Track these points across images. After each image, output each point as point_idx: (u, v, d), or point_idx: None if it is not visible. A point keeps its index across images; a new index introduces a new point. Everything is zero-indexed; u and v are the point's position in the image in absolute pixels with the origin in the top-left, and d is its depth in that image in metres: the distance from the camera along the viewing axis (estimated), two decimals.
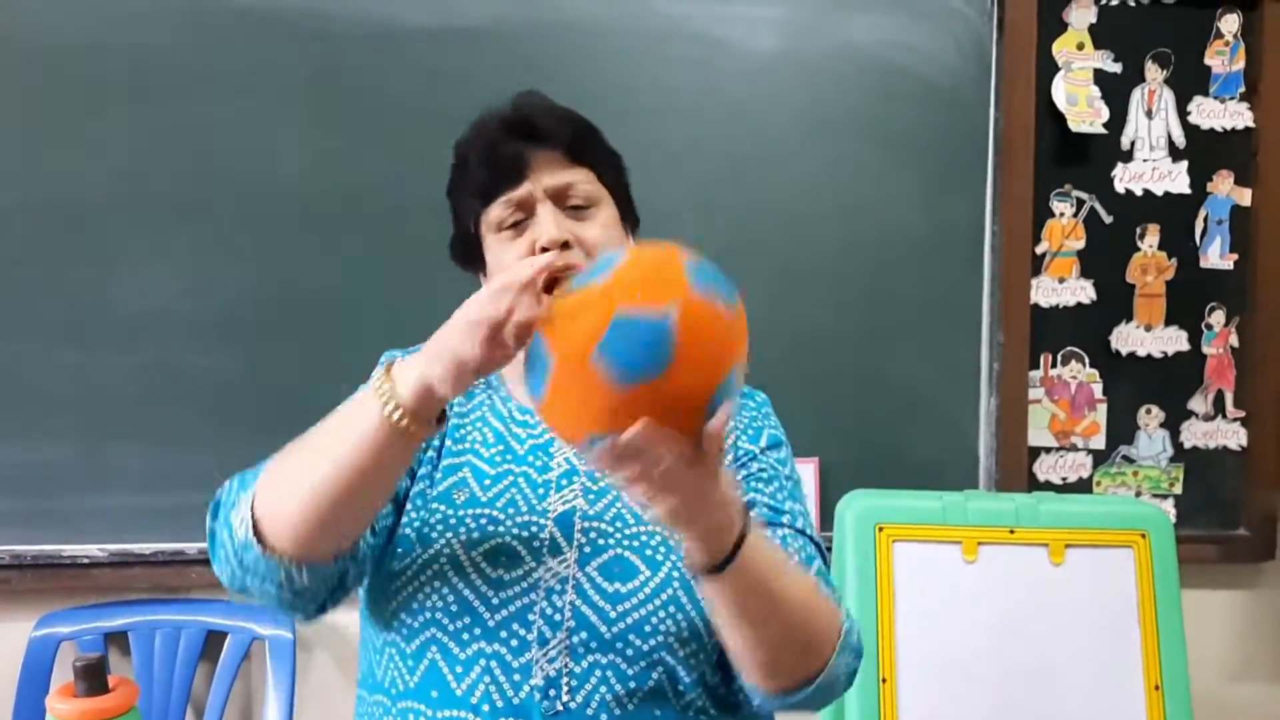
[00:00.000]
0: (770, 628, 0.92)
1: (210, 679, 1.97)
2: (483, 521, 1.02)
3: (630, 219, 1.16)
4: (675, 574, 1.01)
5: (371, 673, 1.07)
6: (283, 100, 1.97)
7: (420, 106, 2.00)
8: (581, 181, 1.08)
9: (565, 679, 0.96)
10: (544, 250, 1.02)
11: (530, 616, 0.97)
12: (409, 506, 1.06)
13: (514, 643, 0.97)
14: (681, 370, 0.76)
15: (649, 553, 1.02)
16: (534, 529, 1.01)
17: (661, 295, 0.77)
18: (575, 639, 0.97)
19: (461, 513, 1.03)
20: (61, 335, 1.93)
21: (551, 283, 0.88)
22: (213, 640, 1.98)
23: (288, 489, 0.92)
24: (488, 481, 1.06)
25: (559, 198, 1.06)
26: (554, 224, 1.03)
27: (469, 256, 1.13)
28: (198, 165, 1.95)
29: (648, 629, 0.98)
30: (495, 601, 0.98)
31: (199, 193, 1.95)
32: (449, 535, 1.01)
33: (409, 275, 2.00)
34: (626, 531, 1.03)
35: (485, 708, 0.95)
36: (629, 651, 0.97)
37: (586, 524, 1.02)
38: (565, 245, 1.03)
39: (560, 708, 0.95)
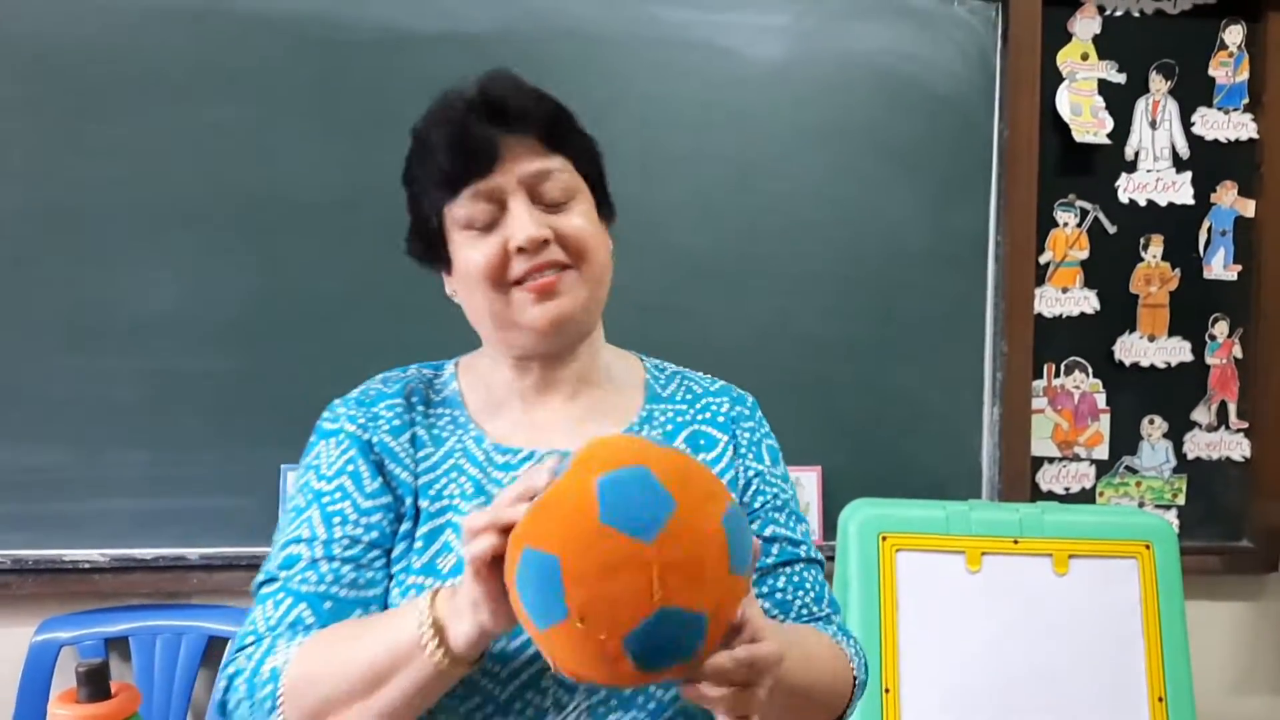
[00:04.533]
0: (795, 713, 0.92)
1: (211, 685, 1.96)
2: None
3: (606, 212, 1.05)
4: None
5: None
6: (286, 105, 1.97)
7: (424, 113, 1.99)
8: (558, 170, 0.97)
9: None
10: (520, 250, 0.93)
11: (544, 682, 0.90)
12: (394, 584, 0.95)
13: (530, 712, 0.90)
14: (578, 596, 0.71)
15: None
16: None
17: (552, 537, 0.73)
18: (595, 698, 0.91)
19: (449, 583, 0.90)
20: (64, 340, 1.92)
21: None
22: (214, 646, 1.97)
23: None
24: None
25: (534, 189, 0.96)
26: (530, 220, 0.93)
27: (430, 252, 1.02)
28: (201, 170, 1.95)
29: None
30: (504, 675, 0.90)
31: (202, 198, 1.95)
32: None
33: (411, 281, 1.96)
34: None
35: None
36: (650, 705, 0.92)
37: None
38: (544, 243, 0.94)
39: None
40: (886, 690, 1.76)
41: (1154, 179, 2.21)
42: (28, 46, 1.90)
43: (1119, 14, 2.19)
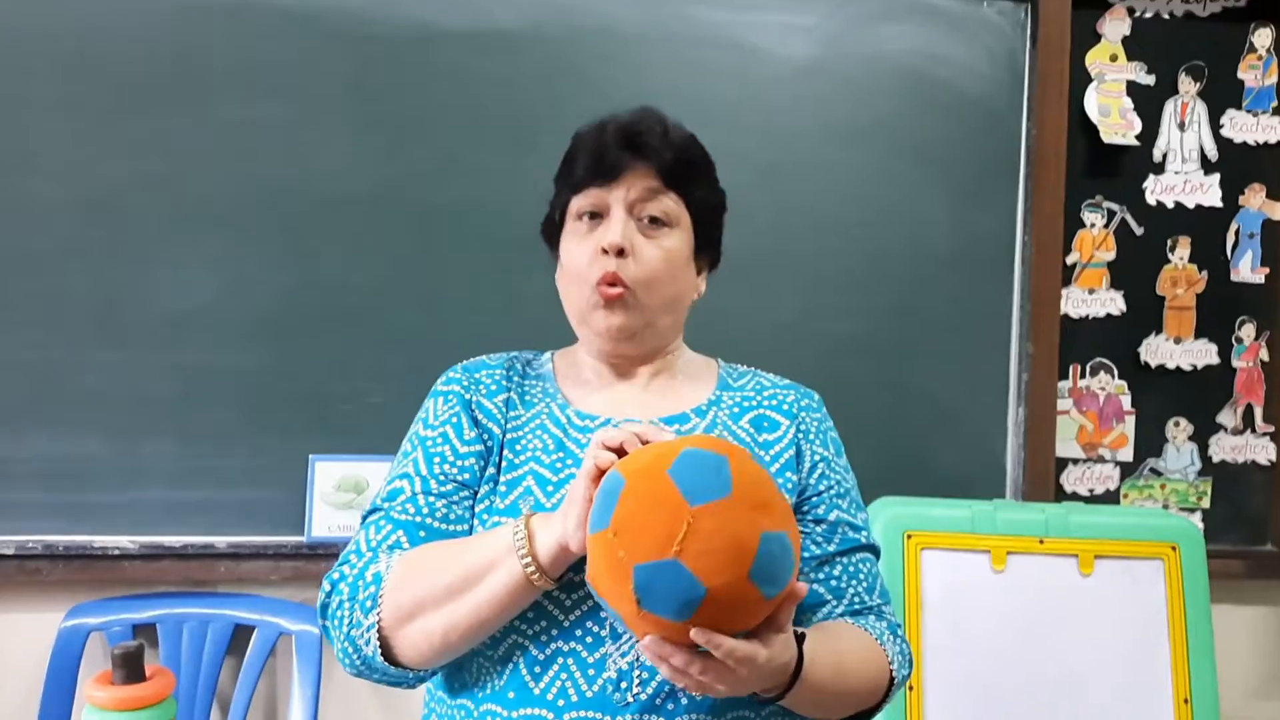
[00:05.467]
0: (825, 709, 1.03)
1: (236, 673, 1.98)
2: None
3: (708, 257, 1.22)
4: None
5: (456, 679, 1.08)
6: (320, 102, 1.99)
7: (456, 110, 2.01)
8: (665, 200, 1.13)
9: (636, 672, 1.00)
10: (604, 252, 1.09)
11: (602, 614, 1.01)
12: (478, 522, 1.09)
13: (589, 639, 1.01)
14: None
15: None
16: None
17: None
18: None
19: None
20: (98, 332, 1.94)
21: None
22: (240, 634, 1.99)
23: (422, 628, 0.99)
24: (550, 488, 1.08)
25: (635, 207, 1.12)
26: (619, 230, 1.10)
27: (551, 238, 1.21)
28: (235, 166, 1.96)
29: None
30: (568, 603, 1.02)
31: (236, 193, 1.97)
32: None
33: (442, 276, 2.01)
34: None
35: (560, 703, 1.00)
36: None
37: None
38: (621, 252, 1.10)
39: (630, 699, 0.99)
40: (910, 688, 1.76)
41: (1182, 181, 2.20)
42: (66, 43, 1.92)
43: (1148, 16, 2.19)
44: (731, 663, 0.85)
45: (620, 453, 0.92)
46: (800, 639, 0.95)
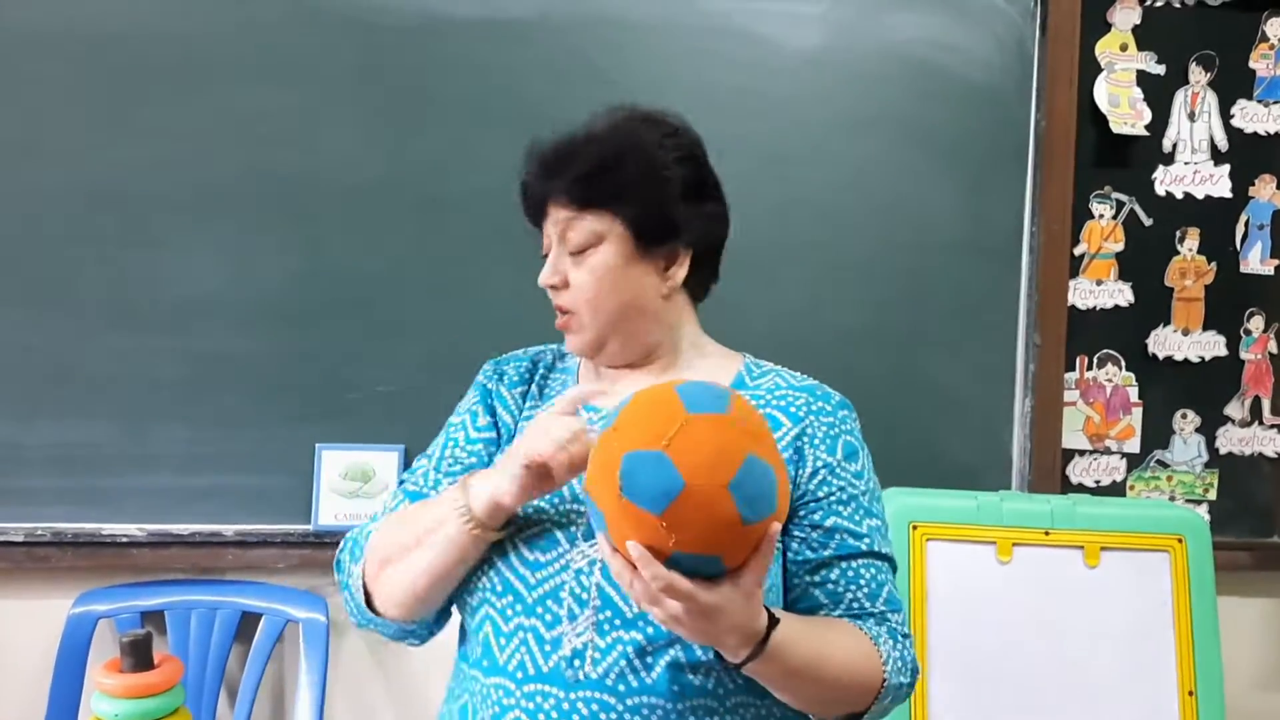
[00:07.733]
0: (802, 698, 1.03)
1: (244, 660, 1.99)
2: (530, 510, 1.10)
3: (668, 248, 1.16)
4: None
5: (465, 648, 1.15)
6: (329, 90, 1.99)
7: (464, 99, 2.01)
8: (582, 221, 1.12)
9: (590, 651, 1.02)
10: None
11: (561, 594, 1.05)
12: None
13: (548, 617, 1.04)
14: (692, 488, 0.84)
15: None
16: (573, 516, 1.09)
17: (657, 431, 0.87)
18: (601, 616, 1.03)
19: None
20: (107, 319, 1.95)
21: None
22: (247, 622, 2.00)
23: (391, 578, 1.09)
24: None
25: (564, 236, 1.14)
26: (548, 267, 1.15)
27: None
28: (244, 153, 1.97)
29: None
30: (532, 581, 1.06)
31: (244, 180, 1.97)
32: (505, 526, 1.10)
33: (450, 264, 2.02)
34: None
35: (519, 674, 1.04)
36: (650, 629, 1.01)
37: None
38: (554, 286, 1.15)
39: (581, 676, 1.02)
40: None
41: (1191, 171, 2.19)
42: (75, 30, 1.92)
43: (1159, 5, 2.18)
44: (665, 592, 0.85)
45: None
46: (772, 618, 0.94)
